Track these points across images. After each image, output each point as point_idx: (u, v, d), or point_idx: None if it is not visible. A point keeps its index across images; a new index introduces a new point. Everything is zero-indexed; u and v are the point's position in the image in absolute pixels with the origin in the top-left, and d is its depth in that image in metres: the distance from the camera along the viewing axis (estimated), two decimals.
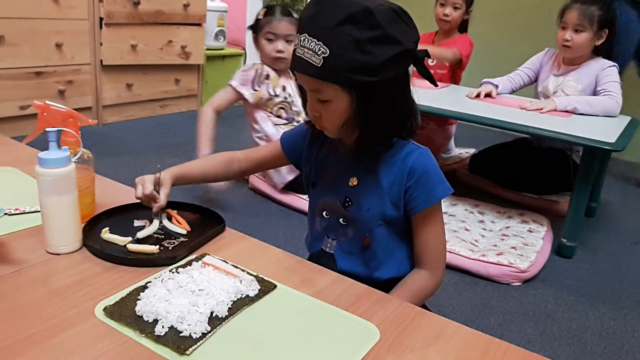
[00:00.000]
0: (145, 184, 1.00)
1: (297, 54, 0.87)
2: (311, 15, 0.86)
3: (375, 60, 0.84)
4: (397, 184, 0.97)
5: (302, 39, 0.86)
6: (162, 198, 1.01)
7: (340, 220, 1.02)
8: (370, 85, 0.86)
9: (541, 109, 2.32)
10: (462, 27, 2.93)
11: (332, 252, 1.04)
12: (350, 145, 0.99)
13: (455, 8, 2.81)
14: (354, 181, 1.00)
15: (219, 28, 4.01)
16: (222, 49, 4.10)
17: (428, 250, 1.00)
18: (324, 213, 1.05)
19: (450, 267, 1.95)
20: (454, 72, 2.94)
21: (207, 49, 3.94)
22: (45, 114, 1.01)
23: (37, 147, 0.92)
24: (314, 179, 1.08)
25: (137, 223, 1.01)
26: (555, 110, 2.33)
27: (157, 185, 1.02)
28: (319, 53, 0.83)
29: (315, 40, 0.84)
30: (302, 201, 2.28)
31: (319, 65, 0.84)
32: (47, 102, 1.02)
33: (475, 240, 2.12)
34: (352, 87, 0.87)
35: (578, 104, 2.31)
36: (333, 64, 0.83)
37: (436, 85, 0.97)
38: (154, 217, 1.01)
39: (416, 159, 0.96)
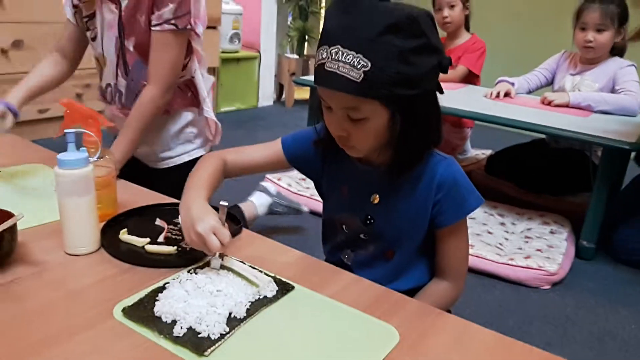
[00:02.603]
0: (220, 233, 0.81)
1: (329, 69, 0.78)
2: (345, 25, 0.78)
3: (418, 72, 0.79)
4: (423, 199, 0.91)
5: (333, 51, 0.77)
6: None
7: (361, 235, 0.98)
8: (411, 99, 0.80)
9: (552, 101, 2.31)
10: (467, 24, 2.86)
11: (349, 263, 1.01)
12: (379, 164, 0.92)
13: (452, 6, 2.74)
14: (375, 199, 0.94)
15: (234, 31, 4.02)
16: (237, 52, 4.12)
17: (453, 262, 0.96)
18: (344, 227, 1.00)
19: (477, 272, 1.93)
20: (470, 82, 2.87)
21: (222, 52, 3.96)
22: (68, 111, 1.03)
23: (61, 148, 0.91)
24: (325, 192, 1.04)
25: (158, 222, 1.01)
26: (567, 106, 2.31)
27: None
28: (359, 67, 0.76)
29: (353, 52, 0.76)
30: (317, 203, 2.27)
31: (358, 81, 0.76)
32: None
33: (500, 244, 2.09)
34: (394, 102, 0.80)
35: (593, 101, 2.27)
36: (375, 78, 0.76)
37: (442, 92, 0.90)
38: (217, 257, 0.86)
39: (444, 170, 0.90)
